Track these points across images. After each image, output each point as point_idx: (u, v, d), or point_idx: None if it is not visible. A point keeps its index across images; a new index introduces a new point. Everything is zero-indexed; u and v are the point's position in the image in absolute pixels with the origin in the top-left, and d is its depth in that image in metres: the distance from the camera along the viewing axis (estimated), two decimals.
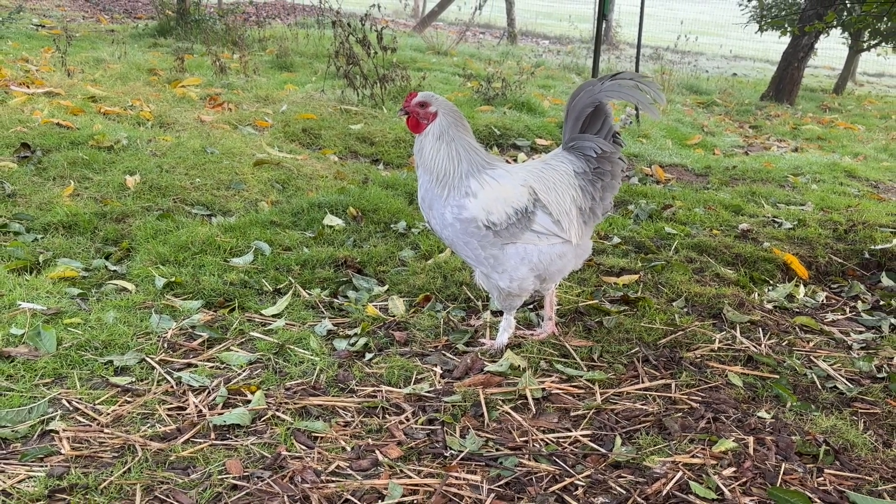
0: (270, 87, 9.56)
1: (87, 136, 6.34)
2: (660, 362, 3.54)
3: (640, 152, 8.19)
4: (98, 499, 2.47)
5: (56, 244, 4.55)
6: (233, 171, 6.00)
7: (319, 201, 5.37)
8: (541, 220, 3.34)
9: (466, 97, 10.16)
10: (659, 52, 21.14)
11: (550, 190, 3.40)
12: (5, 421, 2.85)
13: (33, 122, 6.63)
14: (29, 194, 5.22)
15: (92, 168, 5.80)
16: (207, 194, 5.51)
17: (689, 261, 4.83)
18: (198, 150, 6.39)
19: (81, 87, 8.27)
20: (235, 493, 2.54)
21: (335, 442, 2.83)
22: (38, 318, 3.58)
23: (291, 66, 11.58)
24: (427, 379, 3.30)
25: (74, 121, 6.81)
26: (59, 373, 3.21)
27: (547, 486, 2.65)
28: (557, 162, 3.50)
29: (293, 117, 7.98)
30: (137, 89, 8.56)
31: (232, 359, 3.40)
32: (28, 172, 5.59)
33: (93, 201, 5.20)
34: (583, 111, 3.45)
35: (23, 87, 7.84)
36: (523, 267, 3.36)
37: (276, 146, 7.03)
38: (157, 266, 4.26)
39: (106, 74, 9.29)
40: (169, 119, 7.43)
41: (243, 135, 7.29)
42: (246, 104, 8.54)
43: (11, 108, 7.05)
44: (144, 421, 2.94)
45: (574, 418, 3.08)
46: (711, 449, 2.88)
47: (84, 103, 7.59)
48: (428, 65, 13.14)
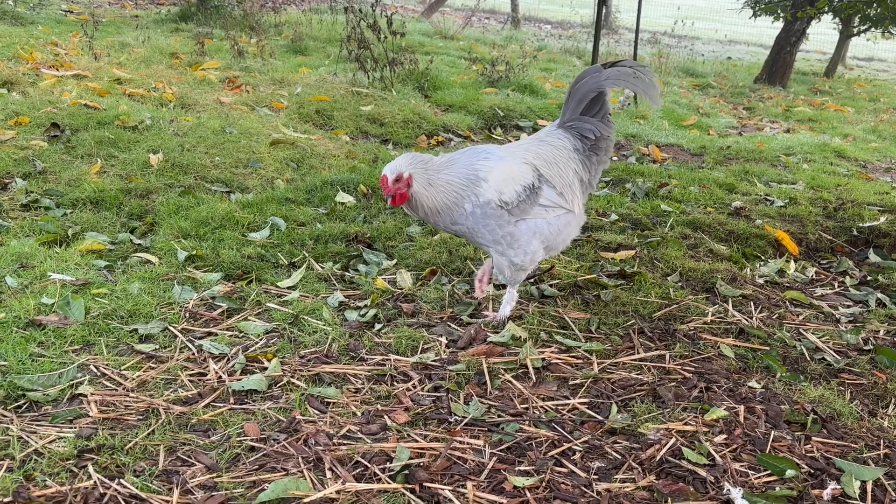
0: (286, 70, 9.50)
1: (112, 117, 6.32)
2: (655, 334, 3.52)
3: (637, 133, 8.12)
4: (124, 459, 2.48)
5: (84, 219, 4.54)
6: (250, 151, 5.97)
7: (332, 179, 5.35)
8: (547, 193, 3.36)
9: (472, 79, 10.08)
10: (657, 37, 20.92)
11: (552, 165, 3.41)
12: (37, 385, 2.85)
13: (62, 103, 6.61)
14: (59, 171, 5.21)
15: (118, 147, 5.78)
16: (226, 172, 5.49)
17: (683, 237, 4.80)
18: (217, 130, 6.36)
19: (108, 69, 8.23)
20: (253, 454, 2.54)
21: (346, 407, 2.84)
22: (67, 289, 3.58)
23: (306, 50, 11.50)
24: (433, 349, 3.29)
25: (101, 102, 6.79)
26: (88, 340, 3.22)
27: (546, 450, 2.65)
28: (554, 139, 3.50)
29: (307, 99, 7.94)
30: (160, 72, 8.52)
31: (250, 328, 3.40)
32: (58, 151, 5.58)
33: (118, 178, 5.19)
34: (586, 95, 3.44)
35: (52, 70, 7.81)
36: (535, 240, 3.37)
37: (291, 127, 6.99)
38: (179, 240, 4.25)
39: (131, 58, 9.24)
40: (190, 100, 7.40)
41: (260, 116, 7.25)
42: (263, 86, 8.49)
43: (42, 90, 7.03)
44: (167, 386, 2.94)
45: (572, 387, 3.07)
46: (703, 417, 2.87)
47: (110, 85, 7.56)
48: (435, 49, 13.03)
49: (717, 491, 2.48)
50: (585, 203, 3.62)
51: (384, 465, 2.50)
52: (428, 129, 7.61)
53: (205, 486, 2.38)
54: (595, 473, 2.54)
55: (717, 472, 2.56)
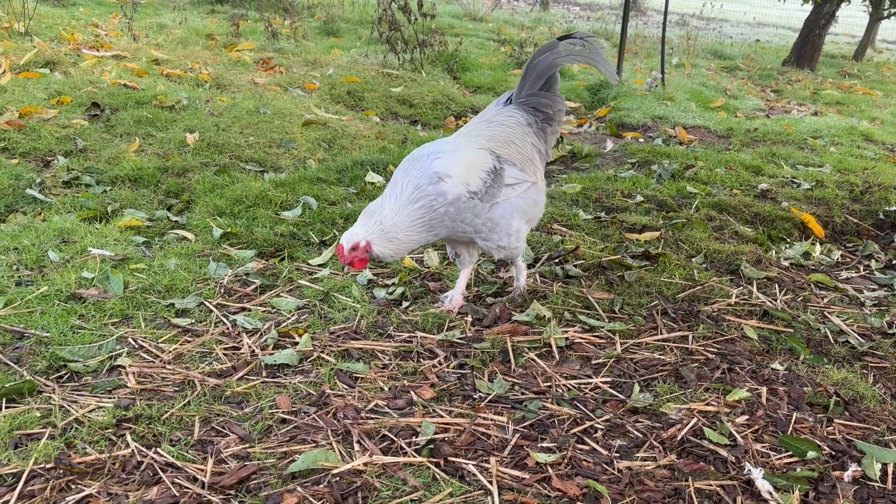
0: (318, 52, 9.50)
1: (150, 97, 6.37)
2: (678, 315, 3.49)
3: (664, 114, 8.01)
4: (161, 428, 2.51)
5: (123, 196, 4.59)
6: (283, 131, 5.99)
7: (362, 159, 5.35)
8: (510, 172, 3.26)
9: (500, 61, 10.00)
10: (685, 19, 20.59)
11: (508, 144, 3.30)
12: (78, 356, 2.89)
13: (102, 83, 6.66)
14: (98, 150, 5.26)
15: (155, 126, 5.82)
16: (260, 152, 5.51)
17: (709, 219, 4.74)
18: (251, 111, 6.38)
19: (146, 50, 8.28)
20: (284, 426, 2.56)
21: (374, 382, 2.85)
22: (106, 264, 3.62)
23: (338, 32, 11.48)
24: (458, 326, 3.29)
25: (139, 82, 6.84)
26: (126, 313, 3.25)
27: (568, 428, 2.64)
28: (504, 117, 3.37)
29: (339, 80, 7.93)
30: (197, 53, 8.55)
31: (282, 304, 3.42)
32: (98, 129, 5.64)
33: (156, 157, 5.23)
34: (545, 71, 3.35)
35: (93, 51, 7.88)
36: (515, 219, 3.28)
37: (323, 107, 7.00)
38: (214, 217, 4.29)
39: (168, 39, 9.28)
40: (225, 81, 7.42)
41: (293, 96, 7.26)
42: (295, 67, 8.49)
43: (83, 70, 7.09)
44: (203, 359, 2.97)
45: (595, 366, 3.06)
46: (726, 398, 2.84)
47: (148, 66, 7.61)
48: (464, 30, 12.94)
49: (738, 471, 2.46)
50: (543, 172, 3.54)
51: (410, 439, 2.51)
52: (456, 111, 7.57)
53: (238, 456, 2.41)
54: (616, 451, 2.53)
55: (739, 452, 2.54)
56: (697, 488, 2.36)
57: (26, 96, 6.03)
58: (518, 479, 2.35)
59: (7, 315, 3.11)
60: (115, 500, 2.19)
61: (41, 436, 2.43)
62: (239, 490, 2.26)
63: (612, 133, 7.32)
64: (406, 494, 2.25)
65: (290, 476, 2.31)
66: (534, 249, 4.08)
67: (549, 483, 2.34)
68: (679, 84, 9.93)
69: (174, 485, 2.26)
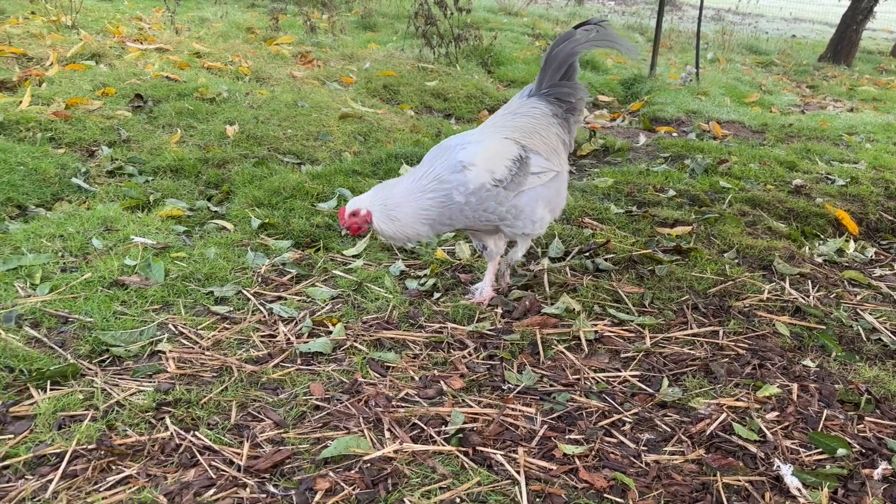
0: (355, 46, 9.52)
1: (192, 89, 6.43)
2: (709, 310, 3.45)
3: (698, 109, 7.90)
4: (199, 412, 2.55)
5: (164, 186, 4.65)
6: (320, 124, 6.02)
7: (396, 152, 5.35)
8: (535, 161, 3.23)
9: (534, 55, 9.94)
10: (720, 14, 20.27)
11: (533, 134, 3.28)
12: (120, 341, 2.94)
13: (146, 75, 6.74)
14: (141, 140, 5.33)
15: (196, 118, 5.88)
16: (298, 144, 5.55)
17: (742, 214, 4.67)
18: (290, 104, 6.42)
19: (188, 43, 8.36)
20: (317, 413, 2.59)
21: (405, 372, 2.86)
22: (148, 252, 3.68)
23: (374, 26, 11.49)
24: (488, 318, 3.29)
25: (181, 74, 6.91)
26: (167, 300, 3.30)
27: (596, 420, 2.63)
28: (529, 108, 3.35)
29: (375, 74, 7.94)
30: (237, 46, 8.62)
31: (316, 294, 3.44)
32: (141, 121, 5.71)
33: (197, 148, 5.29)
34: (565, 61, 3.33)
35: (137, 44, 7.97)
36: (539, 207, 3.27)
37: (360, 101, 7.02)
38: (252, 208, 4.32)
39: (209, 32, 9.37)
40: (264, 74, 7.47)
41: (330, 90, 7.29)
42: (333, 61, 8.52)
43: (127, 63, 7.18)
44: (240, 346, 3.00)
45: (624, 360, 3.04)
46: (756, 394, 2.81)
47: (190, 59, 7.68)
48: (499, 25, 12.87)
49: (767, 467, 2.43)
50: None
51: (439, 429, 2.52)
52: (490, 105, 7.54)
53: (273, 441, 2.43)
54: (644, 445, 2.51)
55: (768, 448, 2.51)
56: (726, 483, 2.33)
57: (73, 88, 6.12)
58: (545, 470, 2.35)
59: (52, 300, 3.17)
60: (153, 481, 2.22)
61: (84, 418, 2.48)
62: (273, 474, 2.28)
63: (646, 127, 7.24)
64: (435, 482, 2.26)
65: (323, 461, 2.33)
66: (564, 243, 4.06)
67: (576, 475, 2.34)
68: (713, 79, 9.79)
69: (211, 467, 2.29)
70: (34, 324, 3.01)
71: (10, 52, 6.85)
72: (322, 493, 2.19)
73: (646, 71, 9.45)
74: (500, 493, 2.23)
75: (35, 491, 2.16)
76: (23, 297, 3.19)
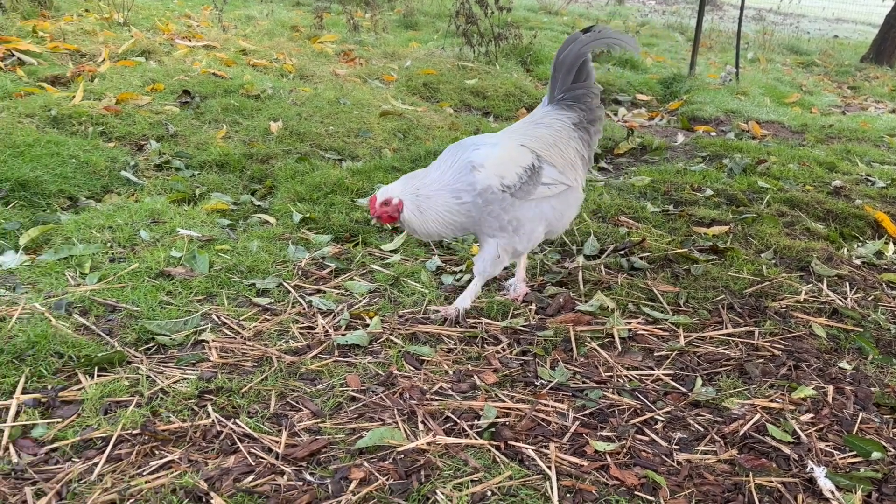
0: (397, 45, 9.54)
1: (238, 86, 6.51)
2: (744, 310, 3.39)
3: (737, 109, 7.77)
4: (239, 401, 2.58)
5: (210, 180, 4.71)
6: (361, 121, 6.05)
7: (435, 150, 5.35)
8: (548, 172, 3.11)
9: None
10: (762, 14, 19.89)
11: (552, 147, 3.16)
12: (165, 330, 2.98)
13: (193, 71, 6.84)
14: (188, 135, 5.41)
15: (241, 114, 5.95)
16: (339, 141, 5.58)
17: (780, 214, 4.58)
18: (332, 101, 6.46)
19: (234, 41, 8.46)
20: (353, 404, 2.60)
21: (439, 365, 2.86)
22: (193, 244, 3.73)
23: (416, 25, 11.50)
24: (522, 314, 3.27)
25: (227, 71, 6.99)
26: (210, 291, 3.34)
27: (628, 418, 2.60)
28: (551, 119, 3.23)
29: (415, 72, 7.95)
30: (282, 44, 8.70)
31: (355, 287, 3.46)
32: (188, 116, 5.79)
33: (241, 143, 5.35)
34: (574, 63, 3.19)
35: (185, 41, 8.09)
36: (540, 226, 3.15)
37: (400, 98, 7.03)
38: (294, 203, 4.36)
39: (255, 30, 9.47)
40: (308, 72, 7.53)
41: (372, 87, 7.31)
42: (375, 59, 8.55)
43: (175, 59, 7.29)
44: (280, 337, 3.03)
45: (657, 358, 3.00)
46: (790, 395, 2.75)
47: (236, 56, 7.77)
48: (539, 24, 12.79)
49: (801, 469, 2.38)
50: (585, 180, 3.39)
51: (472, 422, 2.52)
52: (528, 103, 7.51)
53: (310, 430, 2.45)
54: (676, 444, 2.48)
55: (802, 450, 2.46)
56: (758, 484, 2.30)
57: (123, 83, 6.24)
58: (576, 466, 2.33)
59: (101, 289, 3.24)
60: (195, 466, 2.26)
61: (129, 403, 2.53)
62: (310, 462, 2.30)
63: (684, 126, 7.14)
64: (467, 475, 2.26)
65: (358, 451, 2.35)
66: (600, 241, 4.03)
67: (607, 471, 2.32)
68: (753, 79, 9.61)
69: (250, 454, 2.32)
70: (83, 312, 3.08)
71: (65, 49, 7.00)
72: (357, 483, 2.20)
73: (685, 70, 9.32)
74: (531, 488, 2.22)
75: (81, 473, 2.21)
76: (73, 286, 3.26)
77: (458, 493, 2.17)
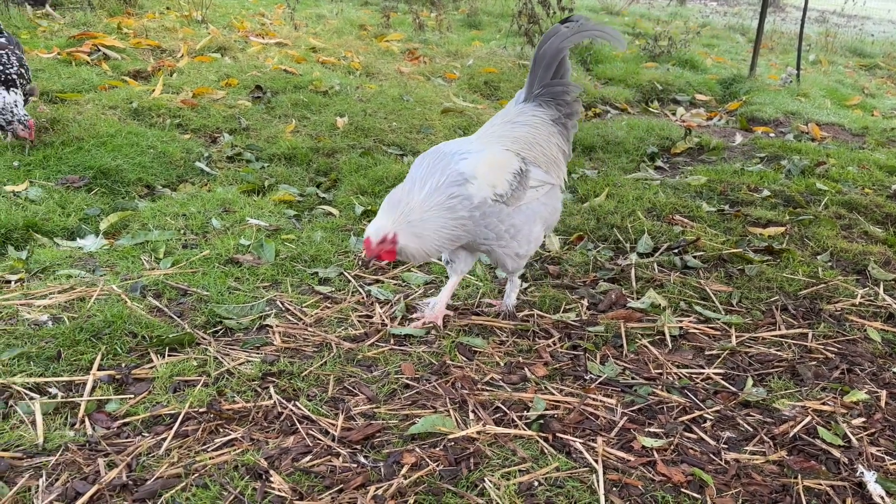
0: (460, 43, 9.51)
1: (307, 82, 6.58)
2: (798, 312, 3.28)
3: (797, 110, 7.51)
4: (300, 384, 2.61)
5: (278, 172, 4.78)
6: (423, 118, 6.05)
7: None
8: (535, 174, 2.93)
9: (633, 54, 9.67)
10: (825, 16, 19.17)
11: (533, 146, 2.97)
12: (232, 314, 3.04)
13: (265, 67, 6.95)
14: (259, 129, 5.50)
15: (310, 109, 6.02)
16: (401, 136, 5.60)
17: (837, 217, 4.41)
18: (396, 98, 6.48)
19: (305, 39, 8.55)
20: (407, 391, 2.61)
21: (491, 357, 2.85)
22: (261, 233, 3.79)
23: (479, 25, 11.44)
24: (574, 309, 3.23)
25: (298, 68, 7.08)
26: (276, 279, 3.38)
27: (677, 415, 2.54)
28: (528, 117, 3.01)
29: (477, 71, 7.92)
30: (350, 42, 8.76)
31: (411, 278, 3.47)
32: (259, 110, 5.89)
33: (309, 137, 5.41)
34: (554, 58, 2.97)
35: (259, 38, 8.22)
36: (537, 225, 2.97)
37: (461, 96, 7.01)
38: (357, 196, 4.39)
39: (325, 29, 9.56)
40: (374, 69, 7.57)
41: (434, 85, 7.31)
42: (438, 58, 8.55)
43: (249, 56, 7.41)
44: (339, 324, 3.05)
45: (708, 357, 2.92)
46: (843, 398, 2.65)
47: (306, 53, 7.86)
48: None
49: (850, 472, 2.29)
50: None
51: (521, 413, 2.49)
52: (586, 101, 7.40)
53: (365, 415, 2.47)
54: (725, 443, 2.41)
55: (852, 454, 2.37)
56: (806, 486, 2.22)
57: (199, 78, 6.38)
58: (623, 461, 2.29)
59: (174, 274, 3.32)
60: (256, 445, 2.30)
61: (196, 383, 2.58)
62: (364, 445, 2.32)
63: (742, 127, 6.94)
64: (515, 464, 2.24)
65: (410, 437, 2.35)
66: (653, 239, 3.94)
67: (653, 467, 2.27)
68: (814, 81, 9.28)
69: (308, 436, 2.35)
70: (157, 294, 3.16)
71: (147, 45, 7.20)
72: (408, 467, 2.21)
73: (745, 71, 9.05)
74: (578, 480, 2.19)
75: (150, 447, 2.27)
76: (148, 270, 3.35)
77: (505, 482, 2.16)
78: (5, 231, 3.66)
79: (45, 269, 3.34)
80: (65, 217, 3.89)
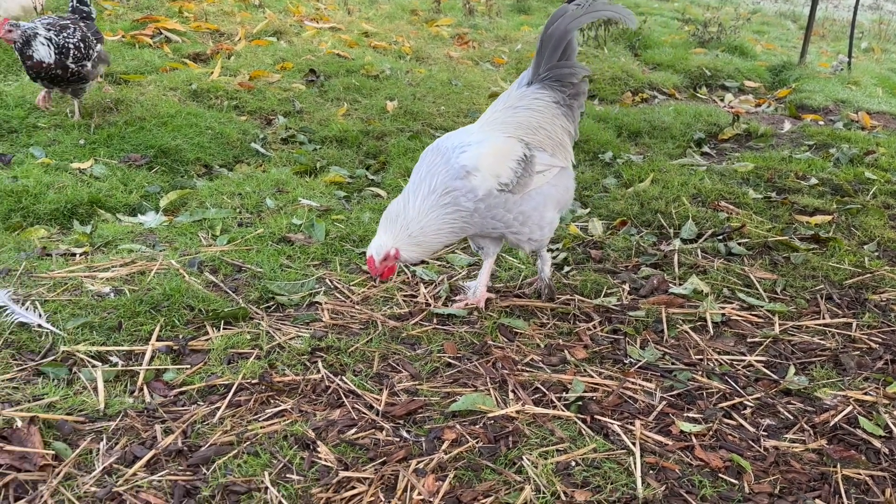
0: (509, 28, 9.40)
1: (359, 66, 6.59)
2: (843, 301, 3.18)
3: (847, 98, 7.24)
4: (346, 359, 2.64)
5: (329, 154, 4.81)
6: (471, 102, 6.01)
7: None
8: (540, 159, 2.81)
9: (682, 40, 9.44)
10: (879, 3, 18.38)
11: (538, 130, 2.85)
12: (284, 291, 3.08)
13: (319, 51, 6.97)
14: (312, 112, 5.54)
15: (361, 93, 6.03)
16: (449, 120, 5.58)
17: (886, 207, 4.26)
18: (444, 82, 6.45)
19: (357, 24, 8.55)
20: (449, 370, 2.62)
21: (531, 339, 2.83)
22: (312, 213, 3.83)
23: (529, 10, 11.28)
24: (615, 294, 3.19)
25: (350, 52, 7.09)
26: (325, 257, 3.42)
27: (717, 402, 2.50)
28: (531, 100, 2.89)
29: (525, 55, 7.82)
30: (401, 27, 8.73)
31: (455, 260, 3.47)
32: (313, 94, 5.92)
33: (360, 121, 5.43)
34: (561, 40, 2.83)
35: (313, 23, 8.24)
36: (548, 210, 2.86)
37: (509, 81, 6.93)
38: (405, 178, 4.39)
39: (377, 14, 9.54)
40: (423, 54, 7.54)
41: (482, 70, 7.26)
42: (487, 43, 8.47)
43: (304, 40, 7.45)
44: (385, 303, 3.07)
45: (750, 344, 2.86)
46: (886, 389, 2.57)
47: (359, 38, 7.86)
48: (649, 10, 12.30)
49: (891, 463, 2.23)
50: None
51: (560, 395, 2.48)
52: (633, 86, 7.26)
53: (408, 391, 2.49)
54: (764, 430, 2.37)
55: (893, 444, 2.30)
56: (845, 475, 2.17)
57: (256, 61, 6.44)
58: (661, 445, 2.27)
59: (229, 250, 3.37)
60: (304, 416, 2.34)
61: (249, 355, 2.63)
62: (407, 420, 2.34)
63: (791, 114, 6.73)
64: (552, 444, 2.23)
65: (451, 414, 2.36)
66: (698, 225, 3.86)
67: (691, 452, 2.24)
68: (866, 69, 8.93)
69: (354, 409, 2.38)
70: (213, 270, 3.22)
71: (206, 28, 7.28)
72: (449, 443, 2.22)
73: (795, 58, 8.76)
74: (615, 462, 2.18)
75: (205, 416, 2.32)
76: (205, 246, 3.41)
77: (543, 461, 2.15)
78: (71, 206, 3.77)
79: (108, 244, 3.43)
80: (127, 194, 3.99)
